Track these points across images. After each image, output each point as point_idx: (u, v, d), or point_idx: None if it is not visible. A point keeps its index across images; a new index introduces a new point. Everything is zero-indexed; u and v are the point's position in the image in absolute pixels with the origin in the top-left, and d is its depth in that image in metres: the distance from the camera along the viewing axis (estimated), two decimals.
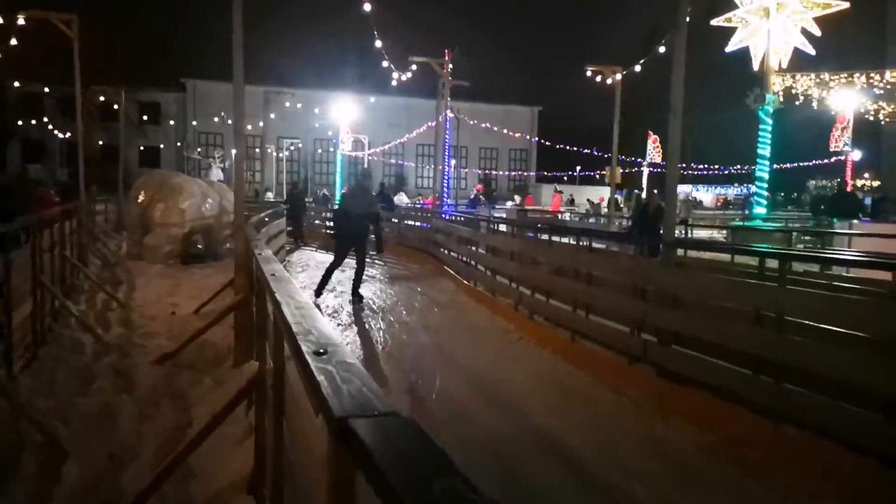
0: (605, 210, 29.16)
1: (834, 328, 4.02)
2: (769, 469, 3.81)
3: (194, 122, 41.67)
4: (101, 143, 35.82)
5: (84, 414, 4.51)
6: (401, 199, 32.01)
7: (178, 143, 41.98)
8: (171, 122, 41.15)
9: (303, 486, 1.80)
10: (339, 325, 7.83)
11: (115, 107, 27.99)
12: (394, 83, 17.56)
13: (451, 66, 17.24)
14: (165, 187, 13.03)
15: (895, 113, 17.59)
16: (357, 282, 9.16)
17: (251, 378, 3.19)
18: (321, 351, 1.17)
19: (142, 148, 41.99)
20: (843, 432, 3.69)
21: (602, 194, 35.33)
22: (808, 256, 6.41)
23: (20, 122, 35.89)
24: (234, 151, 7.50)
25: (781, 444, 3.98)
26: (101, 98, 28.36)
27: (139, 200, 13.04)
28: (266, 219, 10.68)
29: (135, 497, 3.20)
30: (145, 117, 40.20)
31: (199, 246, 14.12)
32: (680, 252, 7.26)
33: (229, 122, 7.13)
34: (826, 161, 25.42)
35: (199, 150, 41.40)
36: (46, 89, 29.85)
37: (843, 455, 3.63)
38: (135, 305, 8.64)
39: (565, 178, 41.00)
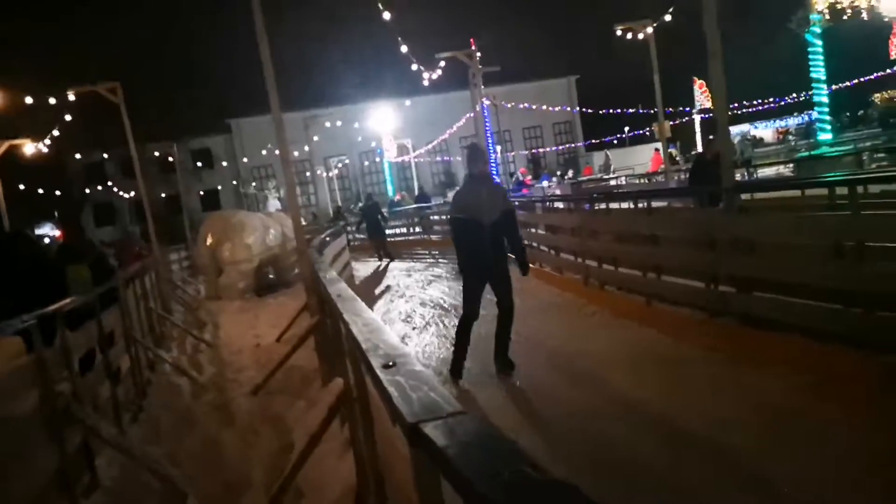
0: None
1: None
2: (871, 404, 3.67)
3: (245, 160, 43.02)
4: (163, 195, 37.56)
5: (193, 453, 4.78)
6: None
7: (234, 182, 43.49)
8: (224, 163, 42.65)
9: (400, 491, 1.89)
10: (414, 328, 7.97)
11: (170, 159, 29.28)
12: (425, 83, 17.64)
13: (478, 54, 17.17)
14: (229, 227, 13.58)
15: None
16: (505, 337, 5.57)
17: (338, 394, 3.31)
18: (390, 364, 1.24)
19: (201, 193, 43.72)
20: None
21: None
22: (878, 177, 6.09)
23: (87, 190, 38.00)
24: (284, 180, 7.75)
25: (881, 375, 3.82)
26: (156, 153, 29.75)
27: (207, 243, 13.63)
28: (327, 239, 10.97)
29: None
30: (199, 164, 41.82)
31: (271, 276, 14.64)
32: (746, 196, 7.03)
33: (276, 152, 7.22)
34: (889, 71, 23.90)
35: (253, 184, 42.78)
36: (105, 155, 31.50)
37: None
38: (221, 343, 9.05)
39: (615, 141, 40.05)
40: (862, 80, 27.01)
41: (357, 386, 2.32)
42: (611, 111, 33.26)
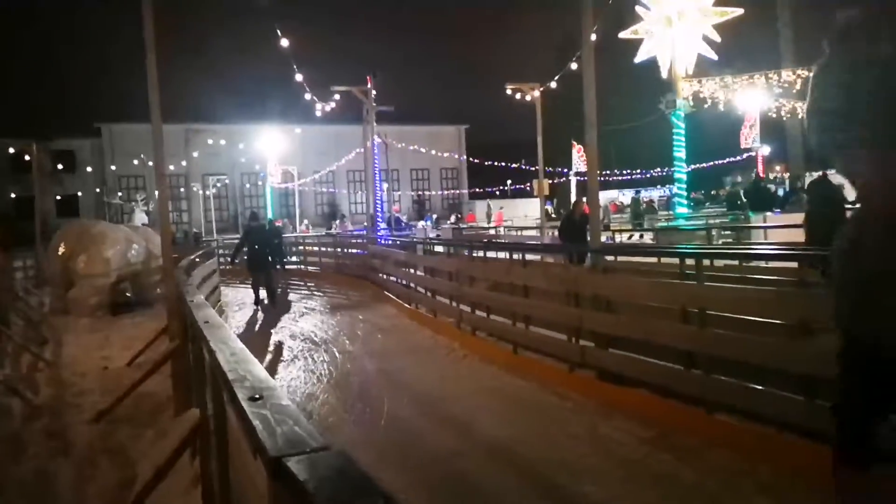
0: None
1: (749, 318, 4.29)
2: (705, 455, 4.03)
3: (113, 167, 40.33)
4: (13, 196, 34.28)
5: (19, 482, 4.32)
6: (346, 225, 32.46)
7: (98, 190, 40.54)
8: (89, 169, 39.64)
9: None
10: (281, 361, 7.74)
11: (27, 158, 26.87)
12: (318, 114, 17.57)
13: (374, 92, 17.38)
14: (87, 237, 12.59)
15: (794, 109, 18.75)
16: None
17: (193, 426, 3.15)
18: (256, 396, 1.22)
19: (58, 198, 40.33)
20: (769, 413, 3.93)
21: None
22: (722, 253, 6.81)
23: None
24: (157, 193, 7.32)
25: (715, 430, 4.21)
26: (11, 150, 27.21)
27: (60, 253, 12.54)
28: (197, 259, 10.46)
29: None
30: (60, 166, 38.59)
31: (128, 294, 13.66)
32: (610, 258, 7.54)
33: (150, 163, 6.75)
34: (739, 158, 26.84)
35: (119, 194, 40.10)
36: None
37: (772, 435, 3.88)
38: (64, 363, 8.29)
39: (497, 192, 41.66)
40: (716, 163, 30.13)
41: (216, 417, 2.23)
42: (496, 163, 34.70)
